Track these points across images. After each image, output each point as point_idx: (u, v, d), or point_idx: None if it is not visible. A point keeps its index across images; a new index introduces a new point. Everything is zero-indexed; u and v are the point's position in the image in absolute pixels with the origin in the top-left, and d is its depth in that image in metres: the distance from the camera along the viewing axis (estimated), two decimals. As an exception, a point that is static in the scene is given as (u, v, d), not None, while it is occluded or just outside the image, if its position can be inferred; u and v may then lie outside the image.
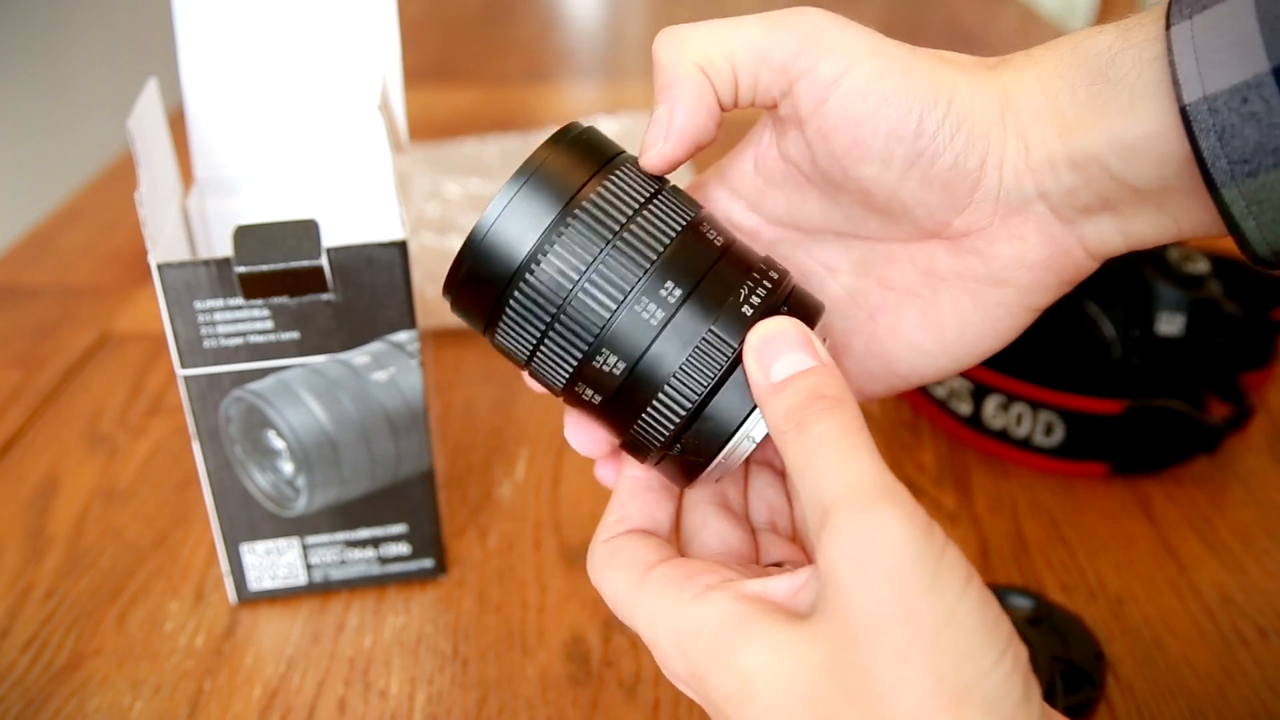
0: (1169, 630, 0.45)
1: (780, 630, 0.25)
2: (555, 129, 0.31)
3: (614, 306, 0.29)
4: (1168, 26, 0.27)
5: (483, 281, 0.30)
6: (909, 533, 0.24)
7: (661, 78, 0.31)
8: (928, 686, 0.23)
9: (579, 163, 0.30)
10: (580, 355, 0.29)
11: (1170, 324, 0.52)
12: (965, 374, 0.56)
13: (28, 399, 0.61)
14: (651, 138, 0.31)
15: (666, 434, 0.29)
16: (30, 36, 1.32)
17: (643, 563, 0.29)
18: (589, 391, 0.30)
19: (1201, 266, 0.53)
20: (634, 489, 0.32)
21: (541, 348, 0.30)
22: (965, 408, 0.56)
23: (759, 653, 0.25)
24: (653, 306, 0.28)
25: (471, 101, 1.09)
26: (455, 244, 0.74)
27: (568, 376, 0.30)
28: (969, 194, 0.30)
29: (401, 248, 0.40)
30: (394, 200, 0.44)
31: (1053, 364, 0.54)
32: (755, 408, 0.28)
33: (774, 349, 0.28)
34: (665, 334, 0.28)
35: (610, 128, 0.96)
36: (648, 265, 0.29)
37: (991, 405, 0.55)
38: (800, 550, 0.33)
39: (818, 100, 0.30)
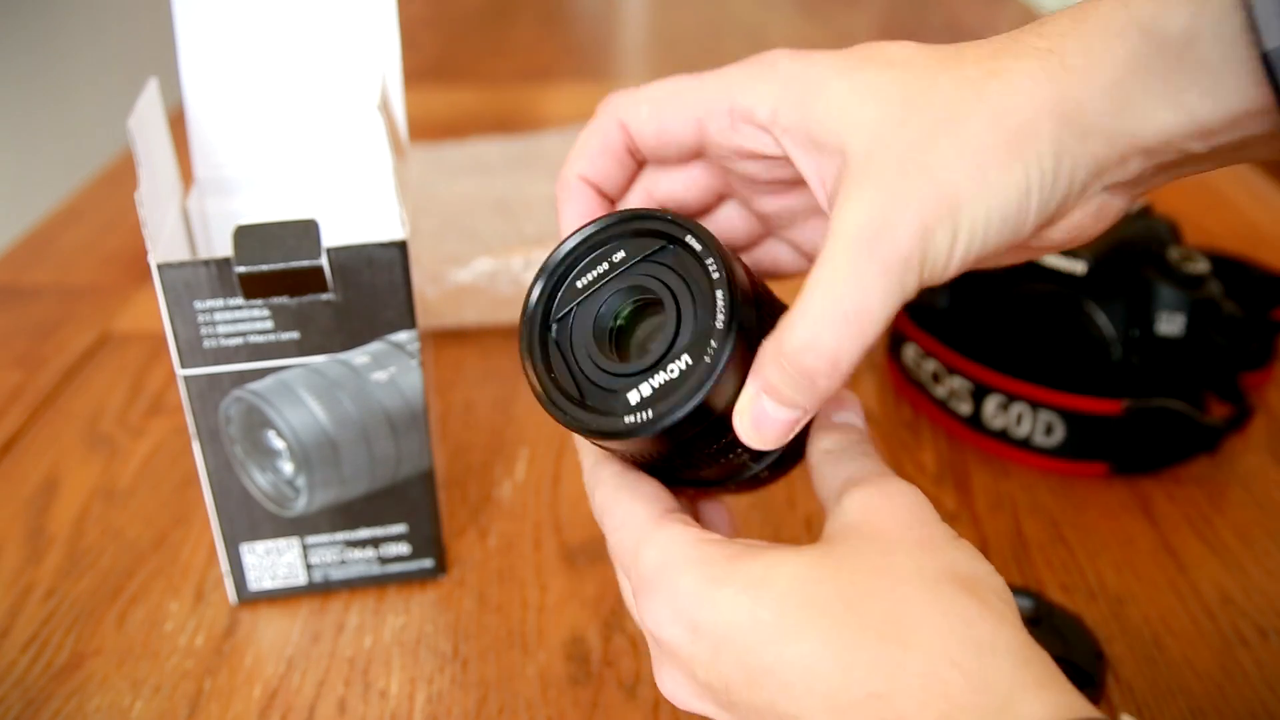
0: (1169, 630, 0.45)
1: (800, 548, 0.28)
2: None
3: None
4: None
5: None
6: (917, 491, 0.30)
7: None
8: (943, 572, 0.27)
9: None
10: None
11: (1170, 324, 0.52)
12: (965, 374, 0.56)
13: (28, 399, 0.61)
14: None
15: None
16: (30, 37, 1.32)
17: (662, 503, 0.32)
18: None
19: (1201, 266, 0.53)
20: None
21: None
22: (965, 408, 0.56)
23: (780, 554, 0.28)
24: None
25: (471, 101, 1.09)
26: (455, 245, 0.74)
27: None
28: (1040, 229, 0.30)
29: (401, 248, 0.40)
30: (394, 200, 0.44)
31: (1053, 364, 0.54)
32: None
33: (843, 401, 0.34)
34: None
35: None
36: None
37: (991, 405, 0.55)
38: None
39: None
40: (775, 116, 0.30)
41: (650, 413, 0.29)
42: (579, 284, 0.32)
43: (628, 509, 0.31)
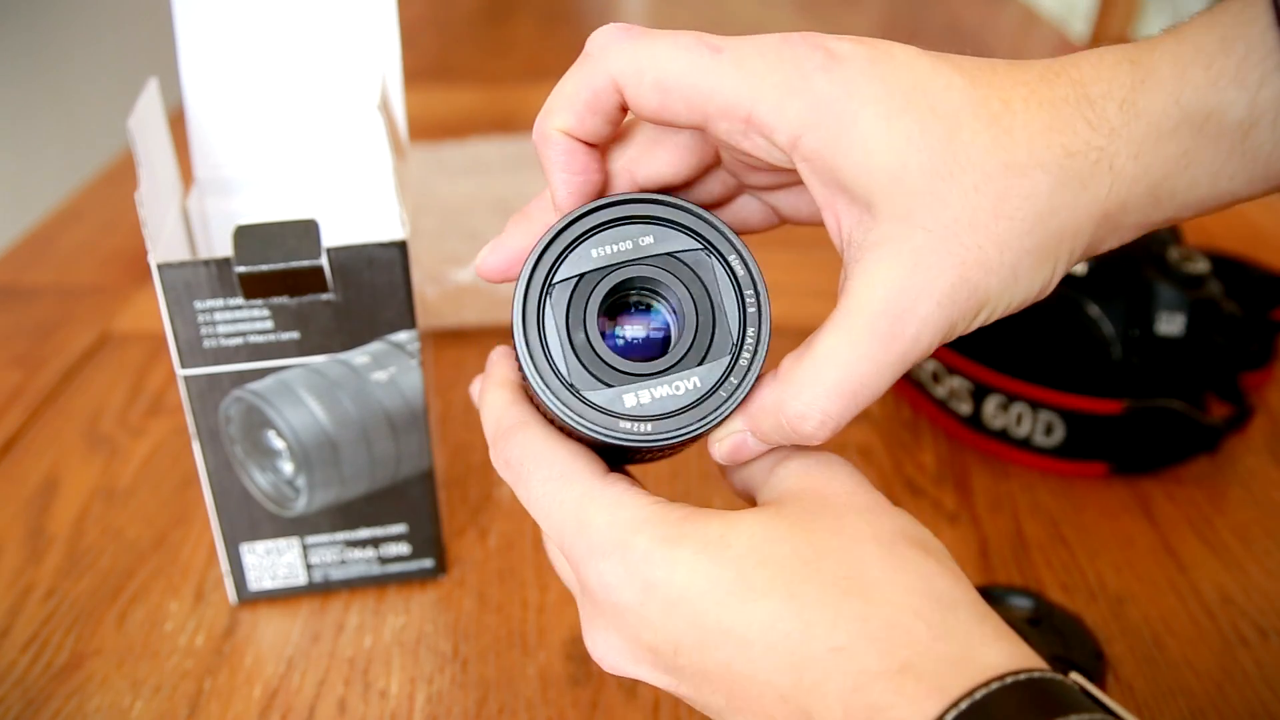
0: (1169, 630, 0.45)
1: (751, 511, 0.28)
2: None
3: None
4: None
5: None
6: (848, 461, 0.30)
7: None
8: (896, 533, 0.27)
9: None
10: None
11: (1170, 324, 0.52)
12: (965, 374, 0.56)
13: (28, 399, 0.61)
14: None
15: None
16: (31, 37, 1.32)
17: (598, 462, 0.31)
18: None
19: (1201, 266, 0.53)
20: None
21: None
22: (965, 408, 0.56)
23: (735, 515, 0.28)
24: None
25: (471, 101, 1.09)
26: (455, 245, 0.74)
27: None
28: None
29: (401, 248, 0.40)
30: (394, 200, 0.44)
31: (1053, 364, 0.54)
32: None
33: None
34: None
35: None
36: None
37: (991, 405, 0.55)
38: None
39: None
40: (797, 143, 0.27)
41: (649, 427, 0.29)
42: (593, 253, 0.30)
43: (567, 463, 0.30)
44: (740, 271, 0.29)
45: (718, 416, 0.29)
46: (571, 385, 0.29)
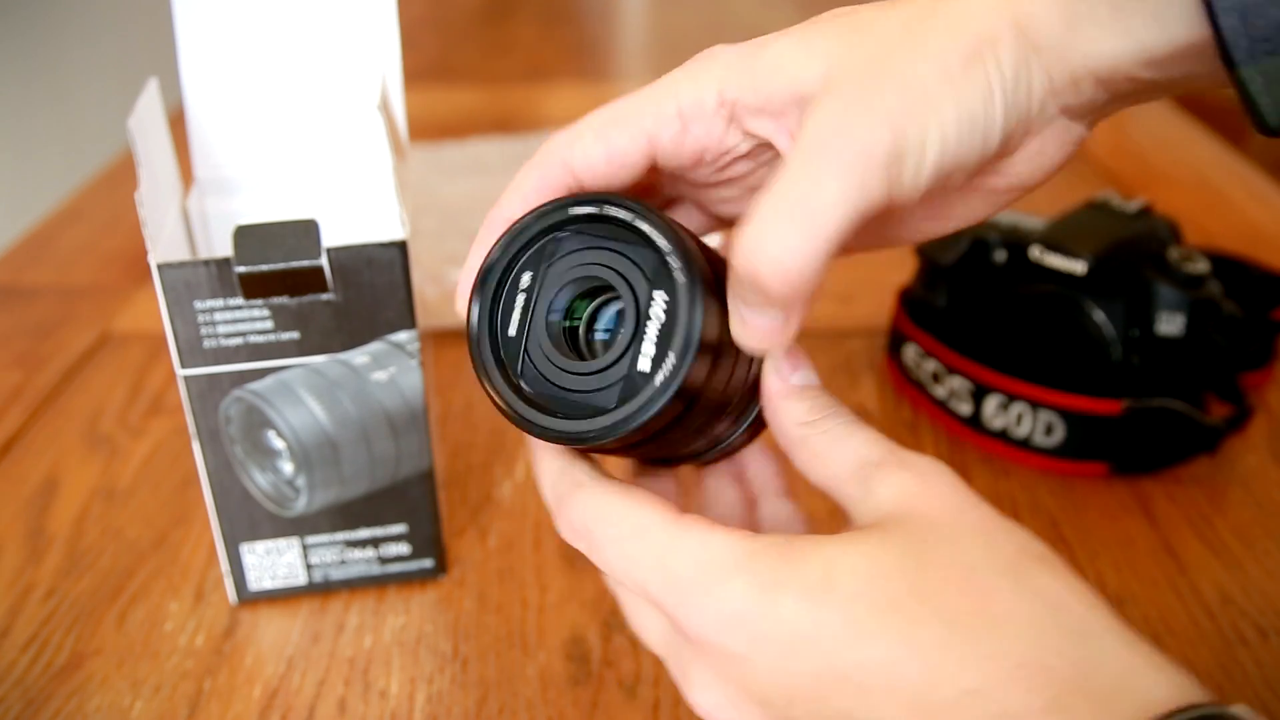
0: (1169, 630, 0.45)
1: (849, 539, 0.27)
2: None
3: None
4: None
5: None
6: (944, 467, 0.28)
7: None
8: (1018, 552, 0.26)
9: None
10: None
11: (1170, 324, 0.52)
12: (965, 374, 0.56)
13: (28, 399, 0.61)
14: None
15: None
16: (31, 37, 1.32)
17: (666, 503, 0.29)
18: None
19: (1201, 266, 0.53)
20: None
21: None
22: (965, 408, 0.56)
23: (833, 549, 0.26)
24: None
25: (471, 101, 1.09)
26: (455, 245, 0.74)
27: None
28: (1005, 152, 0.29)
29: (401, 248, 0.40)
30: (394, 200, 0.44)
31: (1053, 364, 0.54)
32: None
33: (795, 359, 0.31)
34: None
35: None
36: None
37: (991, 405, 0.55)
38: (796, 508, 0.36)
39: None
40: (723, 95, 0.29)
41: (672, 360, 0.27)
42: (511, 333, 0.30)
43: (636, 517, 0.28)
44: (625, 215, 0.28)
45: (699, 294, 0.27)
46: (611, 427, 0.28)
